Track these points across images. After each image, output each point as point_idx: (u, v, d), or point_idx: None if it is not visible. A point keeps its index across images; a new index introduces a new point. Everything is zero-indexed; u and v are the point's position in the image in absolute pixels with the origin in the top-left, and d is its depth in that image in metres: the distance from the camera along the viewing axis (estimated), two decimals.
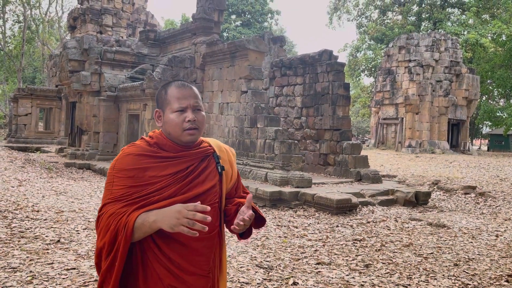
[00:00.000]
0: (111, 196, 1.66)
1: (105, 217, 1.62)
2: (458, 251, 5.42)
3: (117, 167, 1.68)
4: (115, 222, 1.59)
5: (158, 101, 1.79)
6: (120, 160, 1.70)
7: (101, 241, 1.61)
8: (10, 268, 3.86)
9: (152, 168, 1.67)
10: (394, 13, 37.90)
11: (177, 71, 12.30)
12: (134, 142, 1.79)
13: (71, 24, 23.87)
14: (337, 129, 11.52)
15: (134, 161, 1.68)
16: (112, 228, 1.58)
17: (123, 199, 1.64)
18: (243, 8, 40.90)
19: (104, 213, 1.64)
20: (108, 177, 1.71)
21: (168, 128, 1.72)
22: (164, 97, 1.74)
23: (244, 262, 4.52)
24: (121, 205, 1.63)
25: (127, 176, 1.66)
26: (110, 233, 1.58)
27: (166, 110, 1.72)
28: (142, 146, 1.73)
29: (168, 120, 1.71)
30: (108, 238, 1.58)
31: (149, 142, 1.74)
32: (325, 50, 12.04)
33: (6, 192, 7.37)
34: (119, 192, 1.65)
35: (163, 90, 1.77)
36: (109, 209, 1.63)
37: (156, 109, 1.78)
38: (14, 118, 21.19)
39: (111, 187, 1.67)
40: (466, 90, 24.05)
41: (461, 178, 12.19)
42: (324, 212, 7.68)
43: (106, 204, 1.66)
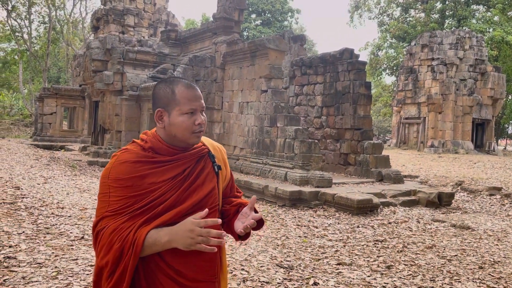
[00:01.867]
0: (109, 209, 1.54)
1: (106, 233, 1.50)
2: (483, 254, 5.30)
3: (113, 176, 1.56)
4: (120, 239, 1.48)
5: (160, 100, 1.63)
6: (115, 169, 1.56)
7: (102, 259, 1.51)
8: (36, 263, 3.95)
9: (150, 175, 1.57)
10: (416, 11, 37.25)
11: (197, 70, 12.39)
12: (128, 146, 1.66)
13: (95, 24, 24.30)
14: (358, 129, 11.40)
15: (131, 169, 1.56)
16: (116, 246, 1.48)
17: (123, 212, 1.53)
18: (263, 7, 40.87)
19: (105, 228, 1.52)
20: (102, 187, 1.58)
21: (175, 131, 1.61)
22: (171, 96, 1.61)
23: (264, 261, 4.53)
24: (123, 219, 1.53)
25: (125, 185, 1.54)
26: (114, 252, 1.48)
27: (174, 111, 1.60)
28: (136, 152, 1.61)
29: (176, 122, 1.60)
30: (112, 256, 1.48)
31: (143, 147, 1.63)
32: (346, 49, 11.93)
33: (32, 189, 7.56)
34: (118, 203, 1.54)
35: (168, 88, 1.63)
36: (111, 224, 1.51)
37: (159, 108, 1.63)
38: (40, 117, 21.71)
39: (107, 198, 1.55)
40: (491, 89, 23.48)
41: (486, 179, 11.91)
42: (344, 212, 7.62)
43: (105, 218, 1.54)
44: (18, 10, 33.40)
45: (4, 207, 5.84)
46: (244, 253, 4.79)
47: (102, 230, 1.52)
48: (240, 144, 11.80)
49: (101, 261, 1.51)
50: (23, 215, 5.59)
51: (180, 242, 1.48)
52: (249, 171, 10.80)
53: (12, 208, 5.83)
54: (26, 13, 33.68)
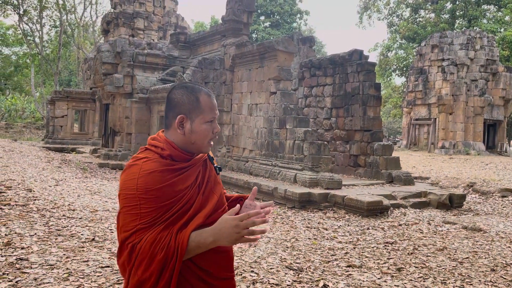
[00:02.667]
0: (142, 221, 1.51)
1: (146, 246, 1.48)
2: (495, 256, 5.23)
3: (142, 187, 1.52)
4: (162, 248, 1.48)
5: (181, 105, 1.63)
6: (143, 179, 1.52)
7: (144, 273, 1.49)
8: (47, 265, 3.99)
9: (176, 183, 1.57)
10: (426, 11, 36.98)
11: (207, 73, 12.44)
12: (146, 155, 1.61)
13: (105, 28, 24.54)
14: (367, 130, 11.35)
15: (160, 178, 1.54)
16: (160, 257, 1.47)
17: (157, 222, 1.52)
18: (272, 9, 40.90)
19: (142, 241, 1.49)
20: (128, 200, 1.53)
21: (195, 138, 1.63)
22: (196, 104, 1.63)
23: (274, 264, 4.52)
24: (159, 228, 1.51)
25: (155, 196, 1.52)
26: (157, 263, 1.48)
27: (197, 118, 1.62)
28: (159, 160, 1.59)
29: (198, 129, 1.62)
30: (156, 268, 1.48)
31: (162, 154, 1.61)
32: (355, 50, 11.89)
33: (44, 191, 7.64)
34: (150, 214, 1.52)
35: (192, 95, 1.64)
36: (148, 236, 1.49)
37: (181, 114, 1.62)
38: (51, 120, 21.95)
39: (137, 210, 1.51)
40: (503, 90, 23.21)
41: (498, 180, 11.77)
42: (354, 214, 7.59)
43: (139, 230, 1.50)
44: (30, 14, 33.84)
45: (17, 209, 5.91)
46: (254, 255, 4.79)
47: (139, 243, 1.49)
48: (249, 146, 11.81)
49: (142, 275, 1.49)
50: (35, 217, 5.65)
51: (226, 240, 1.50)
52: (258, 173, 10.80)
53: (24, 210, 5.90)
54: (38, 17, 34.11)
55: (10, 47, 43.79)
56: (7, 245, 4.40)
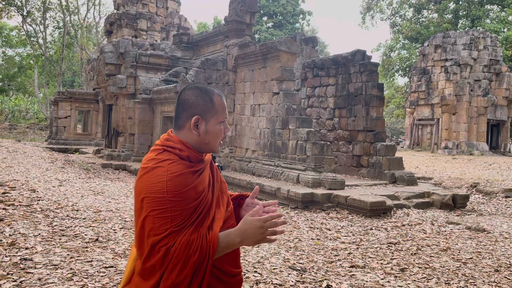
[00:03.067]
0: (173, 224, 1.52)
1: (181, 248, 1.50)
2: (499, 257, 5.22)
3: (172, 190, 1.52)
4: (196, 250, 1.51)
5: (196, 106, 1.64)
6: (172, 182, 1.53)
7: (178, 276, 1.51)
8: (51, 265, 4.01)
9: (197, 185, 1.60)
10: (429, 11, 36.91)
11: (209, 73, 12.45)
12: (167, 156, 1.60)
13: (108, 29, 24.59)
14: (370, 130, 11.34)
15: (187, 180, 1.56)
16: (194, 258, 1.50)
17: (186, 224, 1.54)
18: (274, 9, 40.92)
19: (176, 244, 1.50)
20: (158, 203, 1.52)
21: (209, 139, 1.65)
22: (211, 105, 1.65)
23: (277, 264, 4.53)
24: (189, 230, 1.54)
25: (184, 198, 1.54)
26: (192, 264, 1.51)
27: (212, 119, 1.65)
28: (182, 162, 1.60)
29: (212, 130, 1.65)
30: (191, 269, 1.51)
31: (181, 155, 1.62)
32: (358, 50, 11.88)
33: (48, 191, 7.67)
34: (181, 216, 1.53)
35: (206, 96, 1.65)
36: (182, 239, 1.51)
37: (196, 115, 1.63)
38: (55, 121, 22.03)
39: (168, 213, 1.52)
40: (506, 90, 23.14)
41: (502, 180, 11.73)
42: (357, 214, 7.58)
43: (172, 234, 1.51)
44: (33, 15, 33.99)
45: (21, 209, 5.93)
46: (257, 255, 4.79)
47: (173, 247, 1.50)
48: (252, 146, 11.82)
49: (177, 278, 1.51)
50: (39, 217, 5.68)
51: (252, 240, 1.57)
52: (261, 173, 10.81)
53: (28, 211, 5.92)
54: (41, 18, 34.24)
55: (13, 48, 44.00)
56: (11, 245, 4.42)
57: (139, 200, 1.57)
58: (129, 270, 1.72)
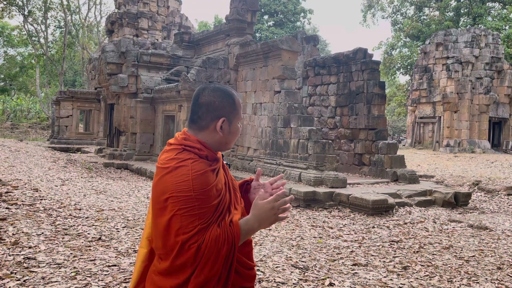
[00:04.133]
0: (201, 221, 1.55)
1: (211, 243, 1.53)
2: (502, 254, 5.22)
3: (198, 188, 1.55)
4: (223, 243, 1.55)
5: (223, 108, 1.67)
6: (197, 180, 1.55)
7: (211, 270, 1.54)
8: (55, 264, 4.02)
9: (218, 182, 1.65)
10: (431, 9, 36.83)
11: (211, 72, 12.46)
12: (188, 156, 1.62)
13: (109, 28, 24.61)
14: (372, 129, 11.33)
15: (210, 178, 1.60)
16: (224, 251, 1.55)
17: (212, 220, 1.58)
18: (275, 8, 40.88)
19: (206, 240, 1.54)
20: (184, 201, 1.53)
21: (231, 138, 1.71)
22: (234, 106, 1.69)
23: (279, 262, 4.53)
24: (215, 225, 1.58)
25: (209, 195, 1.58)
26: (222, 256, 1.55)
27: (235, 120, 1.70)
28: (203, 161, 1.63)
29: (235, 130, 1.70)
30: (222, 262, 1.56)
31: (200, 154, 1.64)
32: (359, 49, 11.87)
33: (51, 191, 7.69)
34: (207, 213, 1.57)
35: (230, 98, 1.69)
36: (211, 234, 1.55)
37: (223, 117, 1.67)
38: (56, 120, 22.07)
39: (196, 211, 1.54)
40: (508, 87, 23.10)
41: (504, 178, 11.71)
42: (359, 212, 7.58)
43: (201, 230, 1.54)
44: (35, 15, 34.00)
45: (24, 208, 5.95)
46: (259, 253, 4.80)
47: (203, 243, 1.53)
48: (254, 145, 11.83)
49: (209, 272, 1.54)
50: (42, 217, 5.69)
51: (267, 222, 1.62)
52: (263, 172, 10.82)
53: (31, 210, 5.94)
54: (42, 17, 34.27)
55: (15, 48, 44.05)
56: (15, 244, 4.44)
57: (162, 200, 1.57)
58: (138, 271, 1.74)
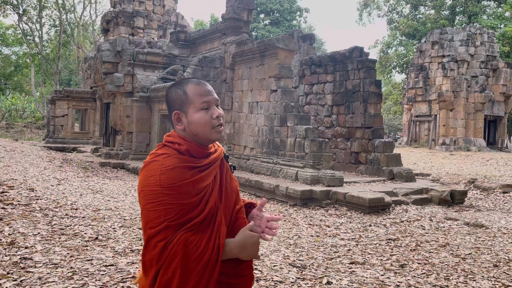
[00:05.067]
0: (168, 217, 1.51)
1: (179, 246, 1.49)
2: (498, 252, 5.24)
3: (165, 182, 1.52)
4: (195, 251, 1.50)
5: (174, 102, 1.66)
6: (165, 175, 1.52)
7: (174, 274, 1.50)
8: (52, 264, 4.01)
9: (197, 181, 1.57)
10: (426, 8, 36.92)
11: (207, 71, 12.43)
12: (165, 151, 1.62)
13: (104, 27, 24.52)
14: (368, 127, 11.35)
15: (182, 174, 1.54)
16: (193, 258, 1.51)
17: (183, 221, 1.53)
18: (271, 6, 40.86)
19: (174, 241, 1.50)
20: (151, 196, 1.52)
21: (195, 129, 1.62)
22: (184, 97, 1.63)
23: (277, 261, 4.53)
24: (191, 233, 1.53)
25: (178, 192, 1.52)
26: (193, 265, 1.51)
27: (189, 109, 1.62)
28: (178, 156, 1.59)
29: (194, 120, 1.62)
30: (189, 269, 1.52)
31: (179, 150, 1.61)
32: (355, 47, 11.88)
33: (46, 190, 7.66)
34: (174, 210, 1.52)
35: (179, 90, 1.65)
36: (182, 237, 1.51)
37: (175, 111, 1.65)
38: (52, 119, 21.96)
39: (161, 206, 1.51)
40: (503, 86, 23.19)
41: (499, 176, 11.77)
42: (356, 211, 7.60)
43: (167, 229, 1.51)
44: (29, 14, 33.82)
45: (19, 208, 5.92)
46: None
47: (170, 243, 1.50)
48: (250, 144, 11.82)
49: (172, 275, 1.51)
50: (38, 217, 5.67)
51: (248, 254, 1.62)
52: (259, 171, 10.81)
53: (27, 210, 5.91)
54: (37, 16, 34.10)
55: (10, 47, 43.81)
56: (11, 244, 4.41)
57: (138, 194, 1.60)
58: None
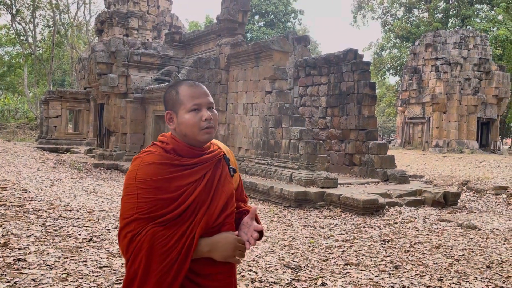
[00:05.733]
0: (139, 210, 1.54)
1: (146, 238, 1.51)
2: (491, 253, 5.29)
3: (140, 177, 1.56)
4: (164, 246, 1.51)
5: (168, 102, 1.71)
6: (141, 170, 1.57)
7: (138, 267, 1.52)
8: (45, 265, 3.99)
9: (176, 178, 1.60)
10: (420, 11, 37.17)
11: (202, 72, 12.43)
12: (150, 149, 1.67)
13: (99, 27, 24.42)
14: (362, 129, 11.40)
15: (158, 170, 1.58)
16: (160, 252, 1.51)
17: (155, 216, 1.54)
18: (266, 8, 40.92)
19: (142, 234, 1.52)
20: (127, 189, 1.58)
21: (184, 129, 1.65)
22: (176, 97, 1.68)
23: (272, 262, 4.54)
24: (162, 227, 1.54)
25: (153, 187, 1.55)
26: (157, 257, 1.51)
27: (180, 110, 1.66)
28: (160, 154, 1.63)
29: (183, 120, 1.64)
30: (158, 266, 1.52)
31: (165, 148, 1.65)
32: (350, 49, 11.94)
33: (40, 192, 7.61)
34: (147, 205, 1.54)
35: (173, 90, 1.70)
36: (149, 230, 1.52)
37: (167, 111, 1.71)
38: (45, 120, 21.83)
39: (135, 199, 1.55)
40: (496, 88, 23.38)
41: (492, 178, 11.87)
42: (350, 212, 7.63)
43: (137, 220, 1.53)
44: (23, 14, 33.62)
45: (13, 210, 5.88)
46: (252, 254, 4.80)
47: (138, 235, 1.52)
48: (245, 145, 11.83)
49: (138, 267, 1.52)
50: (32, 218, 5.63)
51: (220, 254, 1.60)
52: (254, 172, 10.82)
53: (20, 211, 5.87)
54: (31, 16, 33.89)
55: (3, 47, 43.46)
56: (4, 246, 4.38)
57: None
58: None
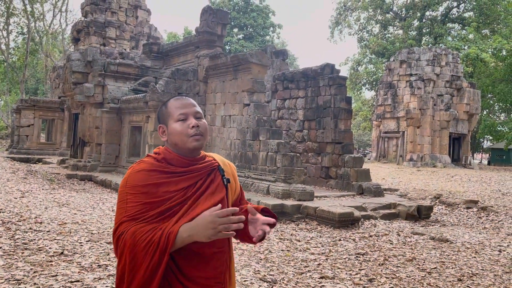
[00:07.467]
0: (126, 214, 1.64)
1: (127, 236, 1.58)
2: (462, 266, 5.40)
3: (130, 183, 1.68)
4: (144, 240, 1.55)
5: (160, 118, 1.83)
6: (132, 177, 1.69)
7: (124, 264, 1.59)
8: (14, 280, 3.85)
9: (164, 184, 1.68)
10: (395, 28, 38.20)
11: (180, 83, 12.39)
12: (143, 159, 1.80)
13: (75, 36, 24.10)
14: (339, 142, 11.55)
15: (147, 176, 1.68)
16: (142, 245, 1.56)
17: (140, 217, 1.63)
18: (245, 21, 41.27)
19: (125, 233, 1.59)
20: (120, 196, 1.70)
21: (174, 138, 1.74)
22: (165, 111, 1.80)
23: (247, 276, 4.51)
24: (141, 224, 1.61)
25: (141, 192, 1.66)
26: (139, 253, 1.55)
27: (169, 121, 1.76)
28: (151, 162, 1.74)
29: (172, 130, 1.74)
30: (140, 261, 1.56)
31: (157, 158, 1.75)
32: (327, 64, 12.13)
33: (9, 203, 7.38)
34: (134, 209, 1.64)
35: (163, 106, 1.83)
36: (130, 229, 1.59)
37: (160, 125, 1.82)
38: (16, 129, 21.26)
39: (125, 205, 1.66)
40: (467, 105, 24.12)
41: (463, 192, 12.17)
42: (326, 225, 7.67)
43: (123, 223, 1.63)
44: None
45: None
46: None
47: (123, 234, 1.60)
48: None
49: (124, 263, 1.59)
50: (0, 230, 5.45)
51: (202, 235, 1.57)
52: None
53: None
54: (4, 23, 33.18)
55: None
56: None
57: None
58: None
